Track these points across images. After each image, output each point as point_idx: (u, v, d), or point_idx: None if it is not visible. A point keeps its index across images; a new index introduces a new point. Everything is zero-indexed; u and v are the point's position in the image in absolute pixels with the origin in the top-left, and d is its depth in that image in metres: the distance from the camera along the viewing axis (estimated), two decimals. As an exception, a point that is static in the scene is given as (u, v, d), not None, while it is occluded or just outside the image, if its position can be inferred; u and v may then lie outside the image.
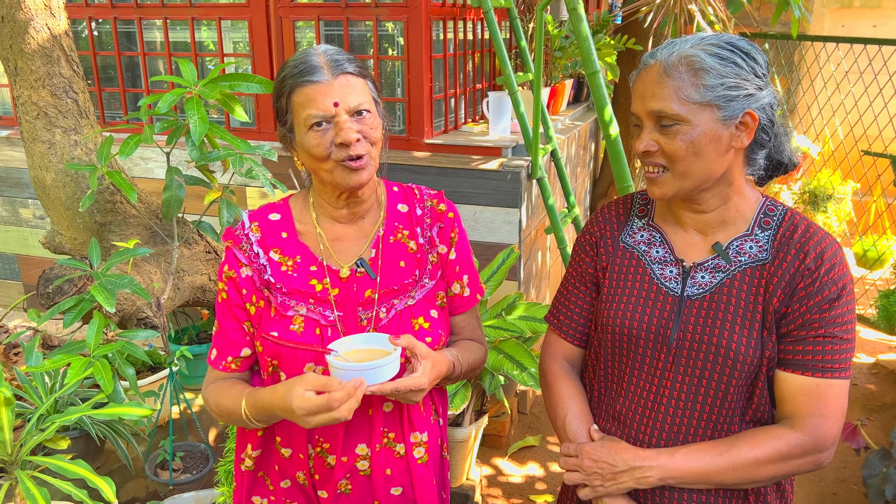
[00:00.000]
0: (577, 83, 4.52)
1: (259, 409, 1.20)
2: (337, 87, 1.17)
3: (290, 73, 1.20)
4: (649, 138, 1.14)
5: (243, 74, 2.16)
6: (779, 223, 1.19)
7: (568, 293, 1.36)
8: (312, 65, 1.18)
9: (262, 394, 1.20)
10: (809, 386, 1.14)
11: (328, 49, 1.22)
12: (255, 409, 1.21)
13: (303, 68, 1.19)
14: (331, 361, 1.12)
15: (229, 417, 1.28)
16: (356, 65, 1.22)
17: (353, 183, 1.20)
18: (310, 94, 1.17)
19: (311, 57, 1.20)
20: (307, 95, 1.17)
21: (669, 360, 1.20)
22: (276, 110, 1.25)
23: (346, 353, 1.17)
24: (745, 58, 1.13)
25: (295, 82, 1.19)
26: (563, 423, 1.29)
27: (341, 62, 1.20)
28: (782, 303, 1.14)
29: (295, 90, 1.19)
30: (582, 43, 2.65)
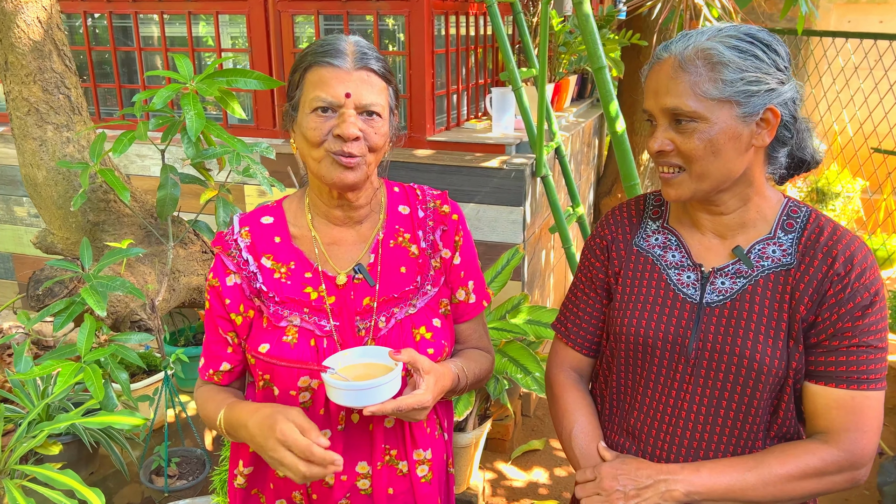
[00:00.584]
0: (581, 79, 4.44)
1: (233, 422, 1.14)
2: (355, 79, 1.11)
3: (312, 50, 1.14)
4: (664, 137, 1.08)
5: (241, 70, 2.09)
6: (803, 225, 1.12)
7: (577, 300, 1.28)
8: (338, 49, 1.12)
9: (245, 410, 1.13)
10: (844, 399, 1.07)
11: (360, 41, 1.16)
12: (230, 420, 1.15)
13: (327, 49, 1.13)
14: (327, 380, 1.05)
15: (207, 421, 1.23)
16: (383, 65, 1.16)
17: (338, 179, 1.13)
18: (325, 76, 1.11)
19: (340, 42, 1.14)
20: (322, 77, 1.11)
21: (688, 372, 1.13)
22: (288, 83, 1.19)
23: (342, 368, 1.10)
24: (766, 50, 1.06)
25: (314, 59, 1.13)
26: (570, 437, 1.22)
27: (368, 57, 1.14)
28: (810, 311, 1.08)
29: (312, 67, 1.13)
30: (588, 38, 2.57)
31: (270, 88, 2.60)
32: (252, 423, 1.08)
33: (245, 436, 1.11)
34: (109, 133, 2.40)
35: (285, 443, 1.02)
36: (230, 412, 1.16)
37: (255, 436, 1.07)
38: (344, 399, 1.04)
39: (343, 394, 1.03)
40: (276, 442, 1.03)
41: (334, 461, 1.01)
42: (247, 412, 1.11)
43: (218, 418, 1.17)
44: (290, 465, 1.02)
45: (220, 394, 1.23)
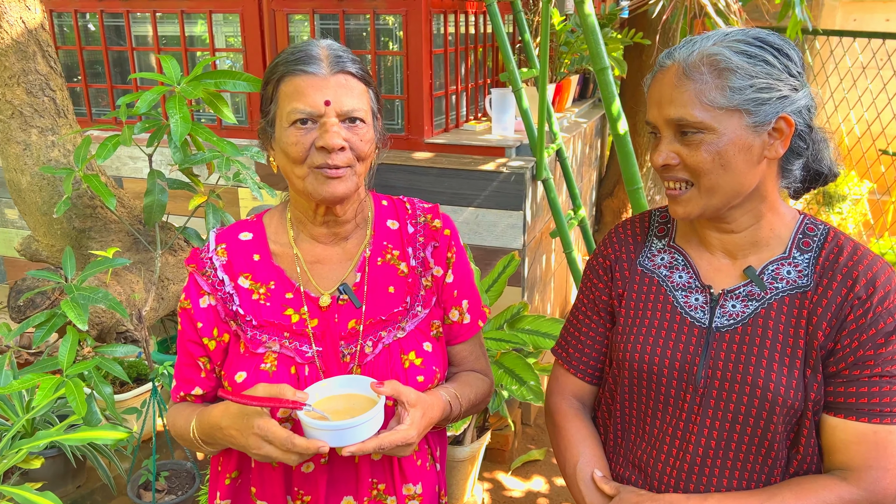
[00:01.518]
0: (583, 78, 4.37)
1: (205, 426, 1.08)
2: (333, 85, 1.03)
3: (284, 59, 1.06)
4: (669, 150, 1.00)
5: (229, 72, 2.02)
6: (821, 244, 1.04)
7: (578, 323, 1.20)
8: (311, 55, 1.04)
9: (214, 409, 1.07)
10: (866, 434, 0.99)
11: (333, 44, 1.08)
12: (202, 425, 1.08)
13: (299, 56, 1.04)
14: (302, 418, 0.97)
15: (183, 440, 1.16)
16: (360, 67, 1.08)
17: (327, 194, 1.05)
18: (300, 85, 1.03)
19: (311, 47, 1.06)
20: (297, 87, 1.03)
21: (697, 402, 1.05)
22: (261, 98, 1.10)
23: (320, 400, 1.02)
24: (777, 55, 0.98)
25: (287, 69, 1.04)
26: (574, 471, 1.14)
27: (344, 60, 1.05)
28: (829, 337, 1.00)
29: (285, 78, 1.04)
30: (590, 38, 2.50)
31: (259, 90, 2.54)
32: (226, 422, 1.02)
33: (222, 437, 1.04)
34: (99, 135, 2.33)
35: (265, 438, 0.96)
36: (201, 418, 1.09)
37: (234, 436, 1.01)
38: (317, 436, 0.96)
39: (320, 434, 0.96)
40: (257, 438, 0.97)
41: (319, 448, 0.95)
42: (218, 412, 1.05)
43: (190, 428, 1.10)
44: (277, 458, 0.97)
45: (188, 407, 1.16)
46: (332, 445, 0.96)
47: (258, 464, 1.13)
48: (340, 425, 0.95)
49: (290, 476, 1.12)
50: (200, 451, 1.15)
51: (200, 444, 1.10)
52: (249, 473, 1.16)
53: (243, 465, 1.16)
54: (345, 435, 0.95)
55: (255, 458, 1.00)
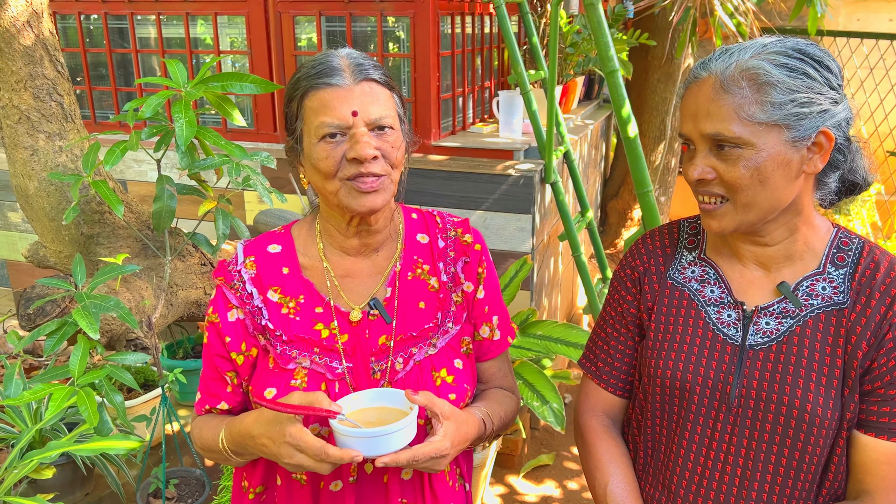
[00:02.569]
0: (588, 79, 4.35)
1: (236, 436, 1.06)
2: (358, 95, 1.01)
3: (305, 74, 1.04)
4: (705, 164, 0.98)
5: (236, 74, 1.99)
6: (856, 259, 1.02)
7: (607, 336, 1.18)
8: (332, 66, 1.02)
9: (245, 417, 1.05)
10: (892, 453, 0.98)
11: (352, 52, 1.06)
12: (233, 435, 1.06)
13: (321, 69, 1.02)
14: (336, 427, 0.96)
15: (210, 452, 1.14)
16: (383, 73, 1.06)
17: (363, 208, 1.03)
18: (325, 98, 1.01)
19: (331, 58, 1.03)
20: (322, 100, 1.01)
21: (730, 421, 1.03)
22: (285, 116, 1.08)
23: (352, 413, 1.00)
24: (818, 67, 0.96)
25: (310, 84, 1.02)
26: (605, 492, 1.11)
27: (366, 67, 1.03)
28: (867, 356, 0.98)
29: (309, 93, 1.03)
30: (600, 42, 2.47)
31: (268, 92, 2.51)
32: (258, 430, 1.00)
33: (254, 446, 1.02)
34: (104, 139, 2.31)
35: (298, 446, 0.94)
36: (231, 427, 1.07)
37: (267, 444, 0.99)
38: (354, 448, 0.95)
39: (353, 441, 0.94)
40: (290, 447, 0.95)
41: (353, 457, 0.94)
42: (250, 420, 1.03)
43: (219, 438, 1.09)
44: (310, 467, 0.95)
45: (216, 419, 1.14)
46: (365, 454, 0.94)
47: (285, 481, 1.12)
48: (374, 433, 0.94)
49: (317, 494, 1.10)
50: (228, 463, 1.13)
51: (229, 454, 1.09)
52: (275, 490, 1.14)
53: (269, 482, 1.14)
54: (378, 443, 0.94)
55: (287, 467, 0.98)
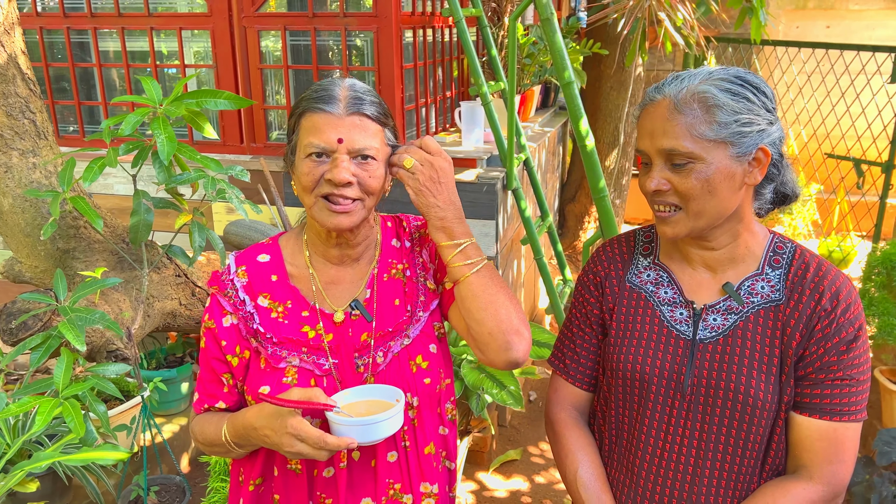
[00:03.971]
0: (545, 88, 4.50)
1: (239, 428, 1.14)
2: (347, 124, 1.12)
3: (308, 96, 1.16)
4: (661, 177, 1.10)
5: (210, 91, 2.06)
6: (790, 261, 1.16)
7: (573, 335, 1.30)
8: (332, 94, 1.13)
9: (247, 412, 1.14)
10: (827, 431, 1.11)
11: (356, 84, 1.16)
12: (235, 428, 1.15)
13: (321, 95, 1.13)
14: (332, 418, 1.06)
15: (212, 446, 1.23)
16: (377, 110, 1.16)
17: (331, 224, 1.14)
18: (318, 122, 1.12)
19: (334, 87, 1.15)
20: (315, 123, 1.12)
21: (684, 408, 1.15)
22: (287, 128, 1.20)
23: (345, 405, 1.11)
24: (756, 92, 1.10)
25: (308, 105, 1.14)
26: (575, 477, 1.23)
27: (362, 102, 1.14)
28: (800, 345, 1.12)
29: (306, 114, 1.14)
30: (556, 55, 2.61)
31: (240, 108, 2.58)
32: (261, 422, 1.09)
33: (256, 437, 1.11)
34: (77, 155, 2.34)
35: (298, 436, 1.04)
36: (234, 421, 1.16)
37: (269, 435, 1.07)
38: (349, 436, 1.05)
39: (348, 430, 1.05)
40: (290, 437, 1.04)
41: (349, 444, 1.04)
42: (252, 414, 1.12)
43: (222, 432, 1.17)
44: (309, 455, 1.05)
45: (216, 416, 1.23)
46: (360, 441, 1.05)
47: (282, 471, 1.21)
48: (366, 420, 1.05)
49: (312, 481, 1.20)
50: (229, 456, 1.21)
51: (232, 446, 1.17)
52: (272, 481, 1.23)
53: (267, 473, 1.23)
54: (370, 430, 1.05)
55: (288, 455, 1.07)
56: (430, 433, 1.24)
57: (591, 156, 2.63)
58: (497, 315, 1.12)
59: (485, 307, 1.13)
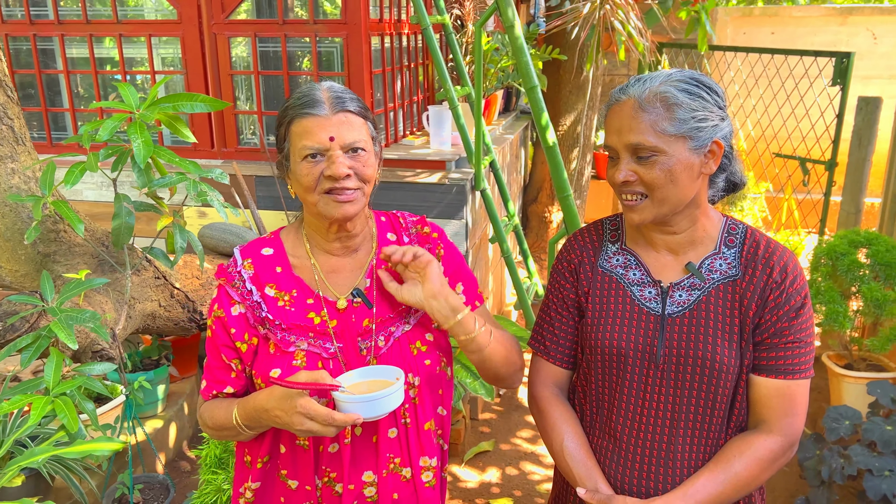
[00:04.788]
0: (507, 93, 4.64)
1: (250, 411, 1.22)
2: (335, 123, 1.21)
3: (292, 104, 1.24)
4: (628, 169, 1.22)
5: (187, 94, 2.12)
6: (742, 241, 1.29)
7: (551, 319, 1.41)
8: (315, 98, 1.22)
9: (257, 395, 1.22)
10: (781, 388, 1.25)
11: (333, 86, 1.26)
12: (246, 411, 1.23)
13: (305, 101, 1.22)
14: (338, 397, 1.15)
15: (221, 430, 1.30)
16: (358, 105, 1.25)
17: (339, 215, 1.23)
18: (308, 125, 1.20)
19: (315, 91, 1.23)
20: (305, 127, 1.21)
21: (658, 376, 1.27)
22: (276, 137, 1.28)
23: (349, 386, 1.19)
24: (709, 92, 1.22)
25: (296, 113, 1.22)
26: (561, 448, 1.34)
27: (344, 100, 1.23)
28: (756, 314, 1.25)
29: (294, 120, 1.22)
30: (521, 61, 2.73)
31: (218, 110, 2.63)
32: (271, 404, 1.17)
33: (268, 418, 1.19)
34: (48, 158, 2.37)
35: (308, 415, 1.12)
36: (244, 405, 1.24)
37: (280, 415, 1.15)
38: (355, 412, 1.14)
39: (353, 407, 1.14)
40: (300, 416, 1.13)
41: (354, 420, 1.13)
42: (263, 397, 1.20)
43: (233, 415, 1.25)
44: (318, 431, 1.13)
45: (225, 401, 1.30)
46: (365, 416, 1.14)
47: (289, 448, 1.29)
48: (370, 397, 1.14)
49: (318, 456, 1.28)
50: (239, 438, 1.29)
51: (243, 428, 1.25)
52: (279, 458, 1.31)
53: (274, 451, 1.32)
54: (374, 406, 1.14)
55: (298, 433, 1.15)
56: (429, 411, 1.34)
57: (554, 154, 2.75)
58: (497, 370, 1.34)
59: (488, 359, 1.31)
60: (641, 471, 1.29)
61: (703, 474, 1.25)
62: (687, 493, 1.24)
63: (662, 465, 1.28)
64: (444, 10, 3.19)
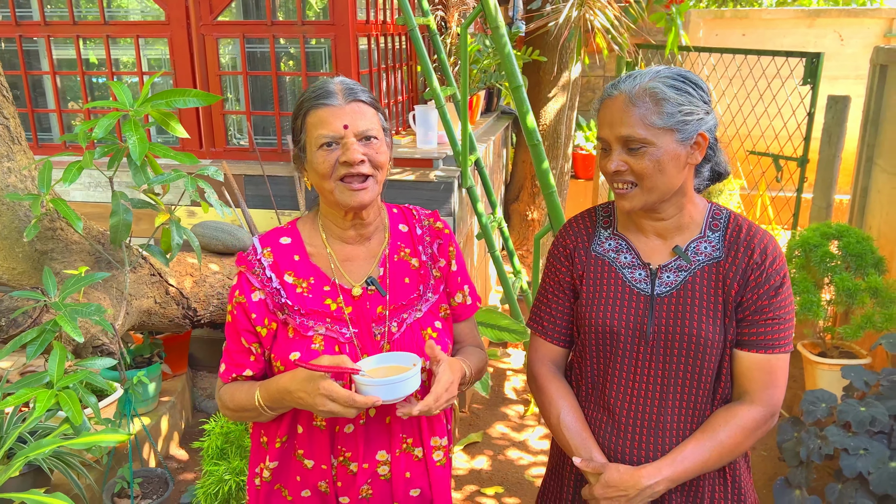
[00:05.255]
0: (488, 93, 4.72)
1: (273, 393, 1.27)
2: (348, 112, 1.27)
3: (307, 97, 1.31)
4: (619, 160, 1.30)
5: (179, 90, 2.14)
6: (725, 225, 1.38)
7: (548, 301, 1.49)
8: (328, 90, 1.29)
9: (280, 378, 1.27)
10: (763, 362, 1.34)
11: (345, 80, 1.33)
12: (270, 392, 1.28)
13: (319, 93, 1.29)
14: (359, 380, 1.21)
15: (242, 411, 1.35)
16: (369, 96, 1.32)
17: (355, 202, 1.29)
18: (323, 115, 1.27)
19: (328, 84, 1.30)
20: (320, 117, 1.27)
21: (648, 352, 1.36)
22: (292, 130, 1.35)
23: (367, 371, 1.25)
24: (695, 88, 1.31)
25: (311, 105, 1.29)
26: (558, 421, 1.42)
27: (356, 91, 1.30)
28: (738, 293, 1.34)
29: (310, 112, 1.29)
30: (506, 61, 2.82)
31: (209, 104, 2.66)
32: (294, 386, 1.23)
33: (290, 399, 1.24)
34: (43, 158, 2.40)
35: (330, 396, 1.18)
36: (267, 387, 1.29)
37: (304, 397, 1.21)
38: (374, 395, 1.20)
39: (373, 390, 1.20)
40: (323, 398, 1.18)
41: (374, 402, 1.19)
42: (286, 379, 1.25)
43: (255, 397, 1.30)
44: (339, 413, 1.19)
45: (245, 384, 1.36)
46: (384, 399, 1.20)
47: (307, 429, 1.35)
48: (391, 381, 1.20)
49: (334, 436, 1.34)
50: (259, 419, 1.34)
51: (264, 409, 1.30)
52: (296, 438, 1.37)
53: (291, 431, 1.37)
54: (394, 389, 1.20)
55: (320, 414, 1.21)
56: None
57: (538, 153, 2.83)
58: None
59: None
60: (633, 440, 1.38)
61: (690, 442, 1.34)
62: (675, 459, 1.33)
63: (653, 435, 1.37)
64: (428, 13, 3.26)
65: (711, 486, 1.40)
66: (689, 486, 1.38)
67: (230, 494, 2.10)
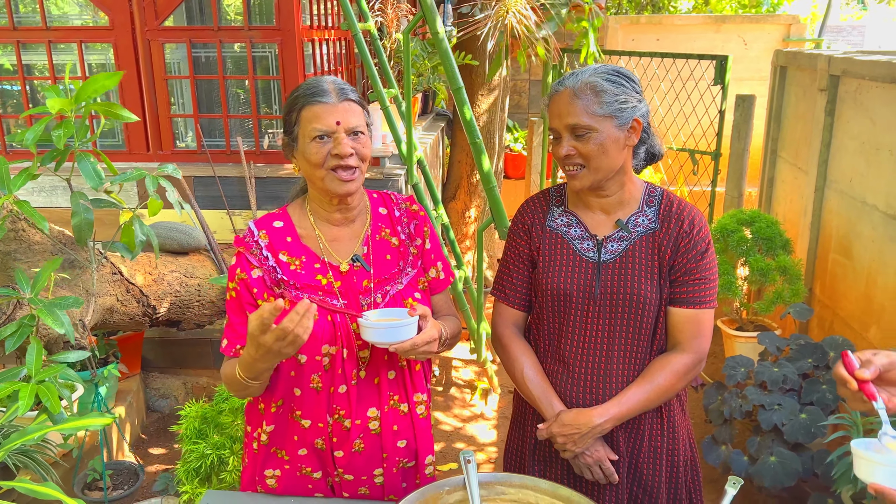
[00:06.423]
0: (424, 96, 4.91)
1: (245, 359, 1.37)
2: (341, 110, 1.43)
3: (303, 93, 1.45)
4: (569, 145, 1.51)
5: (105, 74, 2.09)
6: (659, 201, 1.61)
7: (510, 271, 1.69)
8: (323, 89, 1.44)
9: (245, 349, 1.37)
10: (691, 316, 1.57)
11: (336, 80, 1.48)
12: (243, 360, 1.38)
13: (315, 90, 1.44)
14: (362, 322, 1.38)
15: (231, 384, 1.46)
16: (357, 95, 1.48)
17: (343, 191, 1.45)
18: (318, 111, 1.42)
19: (322, 83, 1.45)
20: (315, 112, 1.42)
21: (596, 311, 1.57)
22: (284, 122, 1.49)
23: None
24: (628, 80, 1.53)
25: (306, 100, 1.43)
26: (522, 375, 1.62)
27: (346, 91, 1.46)
28: (671, 259, 1.56)
29: (305, 107, 1.43)
30: (447, 65, 3.01)
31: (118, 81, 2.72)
32: (250, 345, 1.31)
33: (256, 356, 1.32)
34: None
35: (262, 322, 1.26)
36: (242, 358, 1.39)
37: (258, 347, 1.29)
38: (376, 335, 1.37)
39: (375, 332, 1.36)
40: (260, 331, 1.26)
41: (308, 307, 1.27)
42: (248, 342, 1.34)
43: (236, 371, 1.41)
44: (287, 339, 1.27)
45: (233, 359, 1.46)
46: (385, 340, 1.36)
47: (304, 392, 1.48)
48: (390, 324, 1.38)
49: (329, 397, 1.49)
50: (246, 391, 1.45)
51: (245, 379, 1.40)
52: (292, 401, 1.50)
53: (287, 395, 1.51)
54: (391, 332, 1.37)
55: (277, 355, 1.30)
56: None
57: (480, 151, 3.04)
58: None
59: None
60: (586, 387, 1.59)
61: (633, 387, 1.56)
62: (620, 401, 1.54)
63: (602, 382, 1.58)
64: (368, 18, 3.42)
65: (650, 423, 1.62)
66: (632, 424, 1.60)
67: (212, 468, 2.20)
